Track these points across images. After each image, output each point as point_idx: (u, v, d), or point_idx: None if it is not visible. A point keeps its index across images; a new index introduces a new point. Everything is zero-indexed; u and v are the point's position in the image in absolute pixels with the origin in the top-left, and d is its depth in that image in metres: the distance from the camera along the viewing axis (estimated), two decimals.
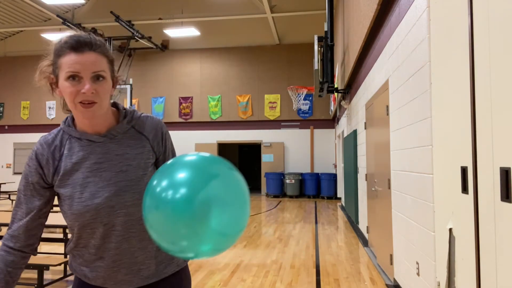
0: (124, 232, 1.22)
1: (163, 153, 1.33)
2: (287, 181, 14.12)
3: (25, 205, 1.22)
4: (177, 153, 1.42)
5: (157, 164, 1.32)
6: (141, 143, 1.28)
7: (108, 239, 1.22)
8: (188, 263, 1.45)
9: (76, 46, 1.15)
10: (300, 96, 11.37)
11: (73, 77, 1.13)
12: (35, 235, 1.26)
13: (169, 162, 1.07)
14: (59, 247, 5.80)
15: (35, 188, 1.22)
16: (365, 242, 6.16)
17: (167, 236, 0.97)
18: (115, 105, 1.31)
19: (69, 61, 1.14)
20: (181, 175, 0.98)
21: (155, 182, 1.00)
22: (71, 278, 4.44)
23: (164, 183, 0.98)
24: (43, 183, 1.23)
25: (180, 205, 0.93)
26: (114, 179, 1.21)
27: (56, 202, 1.29)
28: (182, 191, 0.94)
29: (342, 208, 10.95)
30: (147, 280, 1.28)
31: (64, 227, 4.22)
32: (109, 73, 1.19)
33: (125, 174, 1.22)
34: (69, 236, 1.32)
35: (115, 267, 1.24)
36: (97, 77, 1.14)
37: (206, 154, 1.06)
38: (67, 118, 1.29)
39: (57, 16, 13.24)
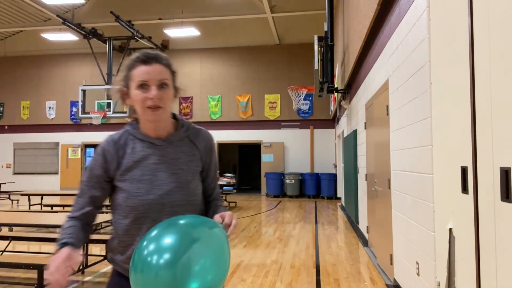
0: None
1: (208, 164, 1.50)
2: (287, 181, 14.12)
3: (87, 195, 1.39)
4: None
5: (202, 173, 1.48)
6: (192, 152, 1.45)
7: None
8: None
9: (145, 59, 1.35)
10: (300, 96, 11.36)
11: (143, 85, 1.33)
12: (93, 219, 1.43)
13: (159, 224, 1.16)
14: None
15: (98, 181, 1.39)
16: (365, 242, 6.16)
17: None
18: (173, 116, 1.48)
19: (139, 72, 1.34)
20: (166, 240, 1.06)
21: (144, 244, 1.09)
22: (71, 278, 4.44)
23: (151, 247, 1.06)
24: (106, 177, 1.39)
25: (162, 271, 1.02)
26: (168, 180, 1.37)
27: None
28: (166, 256, 1.03)
29: (342, 208, 10.94)
30: None
31: None
32: (172, 83, 1.40)
33: (177, 177, 1.39)
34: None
35: None
36: (162, 85, 1.34)
37: (191, 218, 1.19)
38: (131, 122, 1.46)
39: (57, 16, 13.24)
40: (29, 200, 8.99)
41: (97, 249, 5.87)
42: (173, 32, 14.15)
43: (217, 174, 1.57)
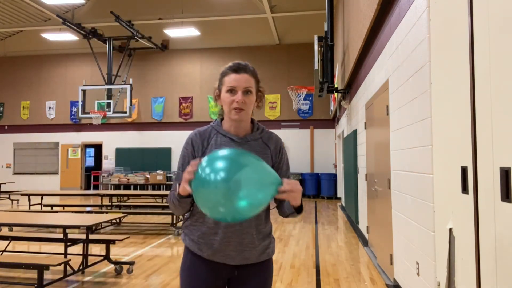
0: None
1: (278, 162, 1.74)
2: None
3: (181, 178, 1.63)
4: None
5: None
6: (264, 151, 1.71)
7: None
8: None
9: (236, 69, 1.63)
10: (300, 96, 11.36)
11: (231, 90, 1.61)
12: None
13: (215, 153, 1.43)
14: (59, 247, 5.79)
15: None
16: (365, 242, 6.16)
17: (210, 204, 1.37)
18: (251, 120, 1.74)
19: (229, 79, 1.62)
20: (222, 163, 1.37)
21: (204, 165, 1.39)
22: (71, 278, 4.45)
23: (209, 169, 1.37)
24: None
25: (220, 184, 1.33)
26: None
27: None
28: (222, 174, 1.34)
29: (342, 208, 10.95)
30: (245, 261, 1.65)
31: (64, 227, 4.23)
32: (255, 90, 1.66)
33: None
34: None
35: (226, 242, 1.62)
36: (246, 92, 1.61)
37: (240, 150, 1.47)
38: (216, 120, 1.74)
39: (57, 16, 13.24)
40: (29, 200, 8.99)
41: (97, 249, 5.87)
42: (173, 32, 14.15)
43: (289, 173, 1.77)
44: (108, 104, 13.95)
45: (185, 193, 1.44)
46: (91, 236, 4.79)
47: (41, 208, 8.97)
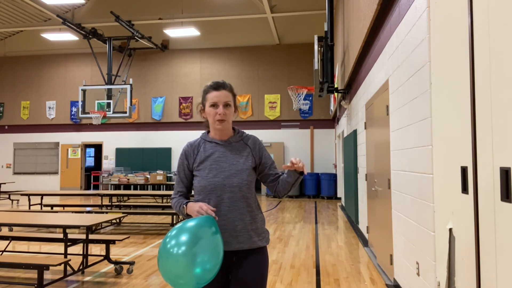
0: (230, 204, 1.88)
1: (260, 157, 2.03)
2: None
3: (182, 182, 2.02)
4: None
5: (260, 167, 2.03)
6: (246, 150, 2.01)
7: (219, 208, 1.88)
8: None
9: (216, 87, 1.97)
10: (300, 96, 11.34)
11: (213, 105, 1.93)
12: (187, 196, 2.05)
13: (177, 227, 1.69)
14: (59, 247, 5.79)
15: (185, 172, 2.02)
16: (365, 242, 6.16)
17: (170, 275, 1.59)
18: (233, 128, 2.06)
19: (211, 95, 1.96)
20: (183, 238, 1.62)
21: (167, 240, 1.64)
22: (71, 278, 4.45)
23: (173, 242, 1.61)
24: (189, 169, 2.00)
25: (180, 257, 1.58)
26: (228, 168, 1.93)
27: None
28: (182, 248, 1.59)
29: (342, 208, 10.95)
30: (241, 246, 1.88)
31: (64, 227, 4.23)
32: (233, 103, 1.99)
33: (234, 166, 1.94)
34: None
35: (222, 230, 1.84)
36: (226, 105, 1.94)
37: (197, 222, 1.69)
38: (204, 132, 2.07)
39: (57, 16, 13.24)
40: (29, 200, 8.99)
41: (97, 249, 5.87)
42: (173, 32, 14.15)
43: (274, 165, 2.06)
44: (108, 104, 13.95)
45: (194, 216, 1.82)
46: (91, 236, 4.80)
47: (41, 208, 8.97)
